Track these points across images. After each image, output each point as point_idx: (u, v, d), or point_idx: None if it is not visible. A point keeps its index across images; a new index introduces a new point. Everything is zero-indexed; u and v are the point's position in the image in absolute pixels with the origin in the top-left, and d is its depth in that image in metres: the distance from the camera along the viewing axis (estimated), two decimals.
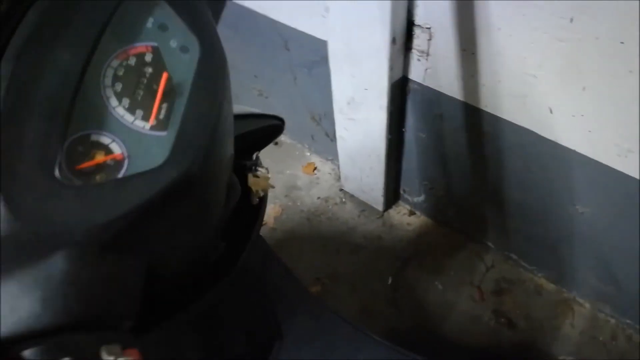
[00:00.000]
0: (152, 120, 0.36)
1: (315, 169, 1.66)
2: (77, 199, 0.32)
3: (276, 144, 1.72)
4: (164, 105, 0.37)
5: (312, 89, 1.38)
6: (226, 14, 1.49)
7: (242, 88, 1.64)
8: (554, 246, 1.18)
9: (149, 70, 0.38)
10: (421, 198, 1.43)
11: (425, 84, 1.08)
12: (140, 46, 0.38)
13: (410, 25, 0.99)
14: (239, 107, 0.57)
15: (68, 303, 0.32)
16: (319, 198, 1.59)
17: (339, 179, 1.59)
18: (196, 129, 0.37)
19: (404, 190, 1.47)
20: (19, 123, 0.31)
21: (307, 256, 1.46)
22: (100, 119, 0.35)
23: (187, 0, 0.40)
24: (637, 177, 0.87)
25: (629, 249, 1.01)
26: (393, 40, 0.97)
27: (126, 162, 0.35)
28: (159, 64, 0.38)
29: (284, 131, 1.39)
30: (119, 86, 0.36)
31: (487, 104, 1.00)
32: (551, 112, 0.90)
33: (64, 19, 0.35)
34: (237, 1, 1.33)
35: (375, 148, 1.26)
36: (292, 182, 1.63)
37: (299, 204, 1.58)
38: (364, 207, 1.53)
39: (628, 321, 1.18)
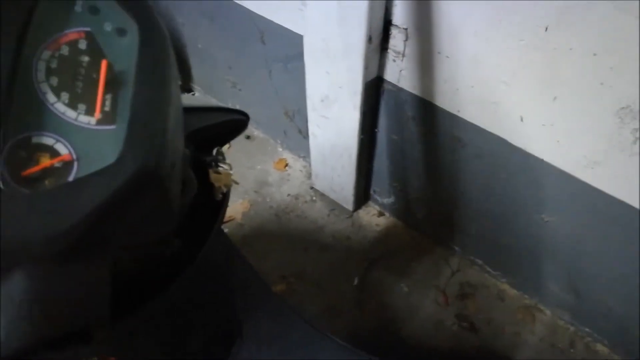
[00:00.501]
0: (97, 114, 0.34)
1: (286, 165, 1.64)
2: (28, 210, 0.29)
3: (248, 137, 1.69)
4: (108, 97, 0.34)
5: (287, 84, 1.36)
6: (203, 2, 1.46)
7: (215, 79, 1.60)
8: (518, 253, 1.19)
9: (86, 58, 0.35)
10: (391, 199, 1.43)
11: (400, 85, 1.07)
12: (72, 33, 0.35)
13: (387, 24, 0.98)
14: (201, 99, 0.54)
15: (35, 323, 0.29)
16: (289, 195, 1.57)
17: (310, 176, 1.57)
18: (148, 119, 0.34)
19: (374, 191, 1.46)
20: None
21: (274, 254, 1.44)
22: (40, 118, 0.32)
23: None
24: (603, 189, 0.88)
25: (591, 259, 1.03)
26: (369, 39, 0.96)
27: (76, 163, 0.32)
28: (95, 51, 0.35)
29: (257, 125, 1.37)
30: (54, 80, 0.33)
31: (460, 109, 1.00)
32: (522, 120, 0.90)
33: None
34: None
35: (347, 147, 1.25)
36: (262, 177, 1.61)
37: (268, 200, 1.56)
38: (334, 206, 1.52)
39: (587, 329, 1.21)
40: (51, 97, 0.33)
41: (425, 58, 0.96)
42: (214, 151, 0.61)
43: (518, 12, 0.78)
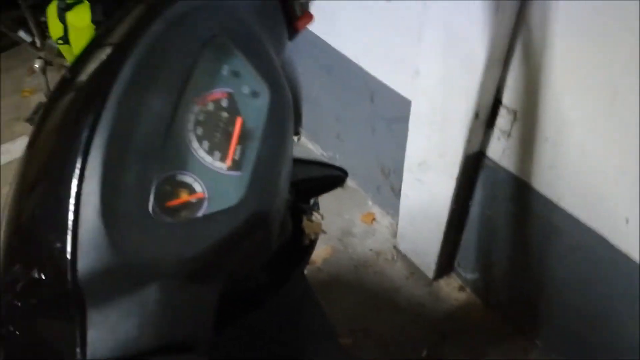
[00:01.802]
0: (229, 162, 0.41)
1: (373, 219, 1.68)
2: (169, 235, 0.36)
3: (341, 186, 1.76)
4: (239, 147, 0.42)
5: (388, 142, 1.42)
6: (322, 56, 1.58)
7: (322, 127, 1.70)
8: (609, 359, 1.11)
9: (225, 115, 0.42)
10: (475, 275, 1.40)
11: (501, 164, 1.08)
12: (217, 92, 0.42)
13: (496, 103, 1.00)
14: (307, 152, 0.61)
15: (160, 328, 0.36)
16: (371, 250, 1.60)
17: (395, 235, 1.59)
18: (268, 170, 0.41)
19: (458, 264, 1.45)
20: (119, 164, 0.36)
21: (346, 305, 1.46)
22: (185, 160, 0.39)
23: (257, 48, 0.45)
24: None
25: None
26: (476, 115, 0.99)
27: (206, 200, 0.39)
28: (233, 109, 0.42)
29: (351, 176, 1.43)
30: (200, 130, 0.41)
31: (560, 198, 0.98)
32: (627, 222, 0.87)
33: (155, 69, 0.40)
34: (335, 47, 1.41)
35: (437, 214, 1.26)
36: (348, 227, 1.66)
37: (350, 250, 1.60)
38: (414, 270, 1.52)
39: None
40: (195, 144, 0.40)
41: (531, 141, 0.97)
42: (311, 201, 0.68)
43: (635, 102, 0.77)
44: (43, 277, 0.35)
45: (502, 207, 1.15)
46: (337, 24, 1.36)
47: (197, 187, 0.39)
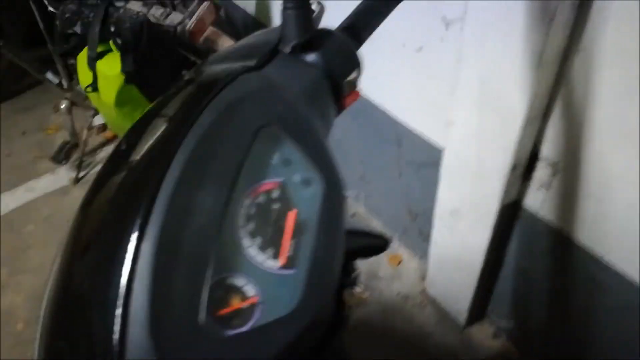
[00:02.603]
0: (282, 259, 0.38)
1: (400, 262, 1.64)
2: (220, 352, 0.34)
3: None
4: (292, 242, 0.39)
5: (415, 187, 1.39)
6: None
7: (346, 168, 1.69)
8: None
9: (276, 207, 0.39)
10: (509, 324, 1.36)
11: (539, 215, 1.05)
12: (269, 183, 0.39)
13: (534, 156, 0.98)
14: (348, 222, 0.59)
15: None
16: (398, 294, 1.56)
17: (423, 278, 1.55)
18: (325, 267, 0.38)
19: (492, 311, 1.40)
20: (168, 271, 0.33)
21: (373, 353, 1.42)
22: (235, 260, 0.36)
23: (308, 133, 0.42)
24: None
25: None
26: (513, 167, 0.97)
27: (259, 306, 0.36)
28: (285, 200, 0.40)
29: (377, 217, 1.40)
30: (251, 225, 0.38)
31: (606, 254, 0.94)
32: None
33: (204, 163, 0.37)
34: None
35: (470, 263, 1.23)
36: (374, 269, 1.62)
37: (377, 294, 1.56)
38: (444, 316, 1.48)
39: None
40: (247, 242, 0.37)
41: (573, 195, 0.94)
42: (355, 272, 0.65)
43: None
44: None
45: (540, 259, 1.11)
46: (365, 69, 1.35)
47: (250, 291, 0.36)
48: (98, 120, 1.95)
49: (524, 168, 0.99)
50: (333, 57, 0.47)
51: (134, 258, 0.33)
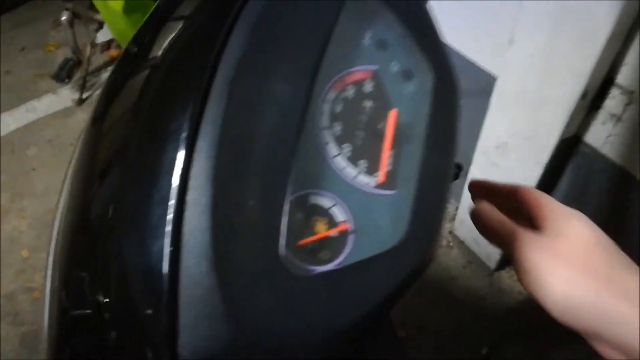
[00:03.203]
0: (381, 176, 0.29)
1: None
2: (303, 294, 0.25)
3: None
4: (391, 154, 0.29)
5: None
6: None
7: None
8: None
9: (369, 104, 0.30)
10: None
11: (602, 151, 0.94)
12: (358, 71, 0.30)
13: (607, 83, 0.86)
14: None
15: None
16: None
17: (452, 219, 1.48)
18: (436, 189, 0.29)
19: None
20: (233, 183, 0.24)
21: None
22: (318, 173, 0.27)
23: (412, 6, 0.31)
24: None
25: None
26: (583, 95, 0.85)
27: (352, 235, 0.27)
28: (380, 96, 0.30)
29: None
30: (337, 128, 0.28)
31: None
32: None
33: (277, 39, 0.27)
34: None
35: None
36: None
37: None
38: (472, 259, 1.42)
39: None
40: (332, 149, 0.28)
41: None
42: None
43: None
44: (126, 355, 0.24)
45: (595, 199, 1.02)
46: None
47: (338, 215, 0.27)
48: (102, 36, 1.82)
49: (595, 96, 0.88)
50: None
51: (186, 164, 0.23)
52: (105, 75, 1.87)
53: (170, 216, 0.23)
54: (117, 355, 0.25)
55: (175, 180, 0.23)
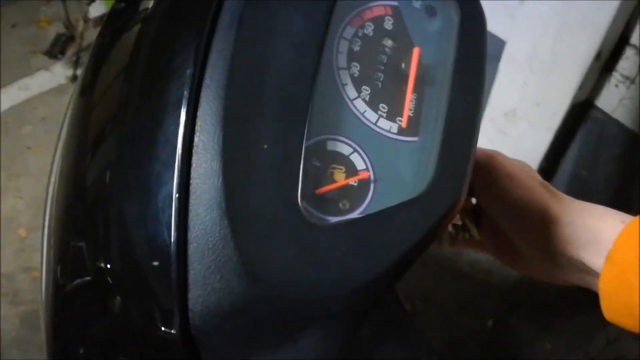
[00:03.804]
0: (404, 121, 0.27)
1: None
2: (321, 244, 0.23)
3: None
4: (413, 98, 0.28)
5: None
6: None
7: None
8: None
9: (389, 43, 0.28)
10: None
11: (614, 115, 0.93)
12: (377, 7, 0.28)
13: (622, 42, 0.84)
14: None
15: None
16: None
17: None
18: (463, 137, 0.27)
19: None
20: (247, 127, 0.22)
21: None
22: (336, 117, 0.26)
23: None
24: None
25: None
26: (597, 56, 0.83)
27: (373, 184, 0.26)
28: (401, 34, 0.28)
29: None
30: (355, 68, 0.27)
31: None
32: None
33: None
34: None
35: None
36: None
37: None
38: None
39: None
40: (351, 91, 0.26)
41: None
42: None
43: None
44: (132, 318, 0.23)
45: (604, 166, 1.01)
46: None
47: (358, 162, 0.26)
48: (95, 11, 1.78)
49: (608, 57, 0.86)
50: None
51: (193, 103, 0.22)
52: None
53: (177, 160, 0.21)
54: (122, 324, 0.23)
55: (182, 121, 0.21)
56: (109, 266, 0.23)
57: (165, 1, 0.26)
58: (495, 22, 1.05)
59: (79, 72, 1.75)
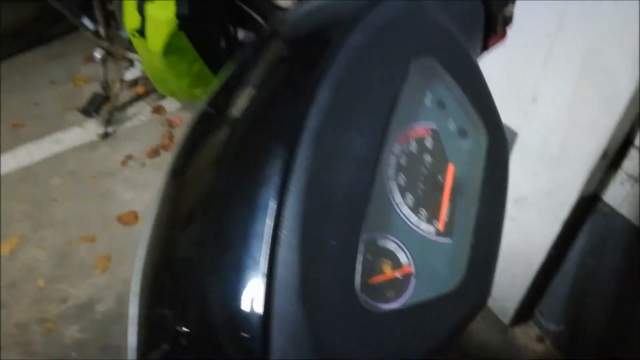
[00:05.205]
0: (441, 224, 0.32)
1: None
2: (374, 327, 0.28)
3: None
4: (449, 205, 0.33)
5: None
6: None
7: None
8: None
9: (429, 158, 0.34)
10: (558, 327, 1.30)
11: (620, 210, 0.98)
12: (420, 128, 0.34)
13: (626, 144, 0.91)
14: None
15: None
16: None
17: None
18: (489, 243, 0.32)
19: (540, 312, 1.34)
20: (319, 226, 0.27)
21: None
22: (386, 218, 0.31)
23: (468, 70, 0.36)
24: None
25: None
26: (604, 155, 0.90)
27: (414, 278, 0.30)
28: (439, 152, 0.34)
29: None
30: (401, 178, 0.32)
31: None
32: None
33: (354, 96, 0.31)
34: None
35: (529, 257, 1.17)
36: None
37: None
38: (487, 314, 1.42)
39: None
40: (397, 197, 0.32)
41: None
42: None
43: None
44: None
45: (611, 258, 1.05)
46: None
47: (402, 257, 0.30)
48: (130, 74, 1.91)
49: (614, 156, 0.92)
50: None
51: (279, 205, 0.27)
52: (131, 110, 1.96)
53: (266, 251, 0.26)
54: None
55: (270, 219, 0.27)
56: (196, 333, 0.27)
57: (254, 111, 0.31)
58: (509, 115, 1.13)
59: (110, 130, 1.86)
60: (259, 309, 0.25)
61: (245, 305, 0.26)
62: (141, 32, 1.22)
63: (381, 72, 0.32)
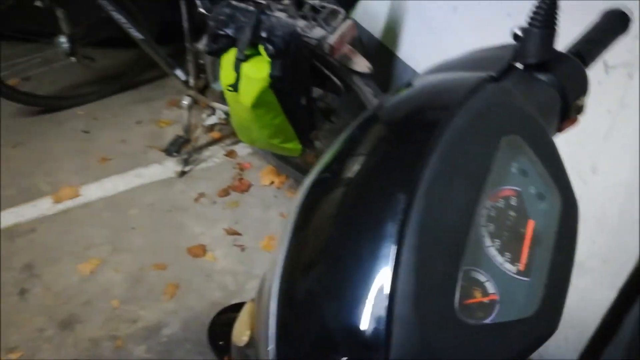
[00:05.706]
0: (522, 265, 0.40)
1: None
2: (468, 337, 0.36)
3: None
4: (529, 252, 0.41)
5: None
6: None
7: None
8: None
9: (513, 214, 0.42)
10: None
11: None
12: (507, 189, 0.42)
13: None
14: None
15: None
16: None
17: None
18: (560, 284, 0.40)
19: None
20: (430, 254, 0.37)
21: None
22: (477, 256, 0.39)
23: (547, 148, 0.45)
24: None
25: None
26: None
27: (498, 304, 0.38)
28: (521, 209, 0.42)
29: None
30: (491, 226, 0.40)
31: None
32: None
33: (457, 163, 0.41)
34: None
35: (583, 322, 1.19)
36: None
37: None
38: None
39: None
40: (487, 241, 0.40)
41: None
42: None
43: None
44: None
45: None
46: None
47: (490, 288, 0.39)
48: (210, 120, 2.08)
49: None
50: (569, 78, 0.51)
51: (400, 240, 0.37)
52: (206, 152, 2.12)
53: (389, 287, 0.36)
54: None
55: (394, 252, 0.36)
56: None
57: (379, 172, 0.42)
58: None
59: (186, 168, 2.03)
60: (384, 314, 0.35)
61: (374, 336, 0.35)
62: (235, 86, 1.38)
63: (478, 145, 0.43)
